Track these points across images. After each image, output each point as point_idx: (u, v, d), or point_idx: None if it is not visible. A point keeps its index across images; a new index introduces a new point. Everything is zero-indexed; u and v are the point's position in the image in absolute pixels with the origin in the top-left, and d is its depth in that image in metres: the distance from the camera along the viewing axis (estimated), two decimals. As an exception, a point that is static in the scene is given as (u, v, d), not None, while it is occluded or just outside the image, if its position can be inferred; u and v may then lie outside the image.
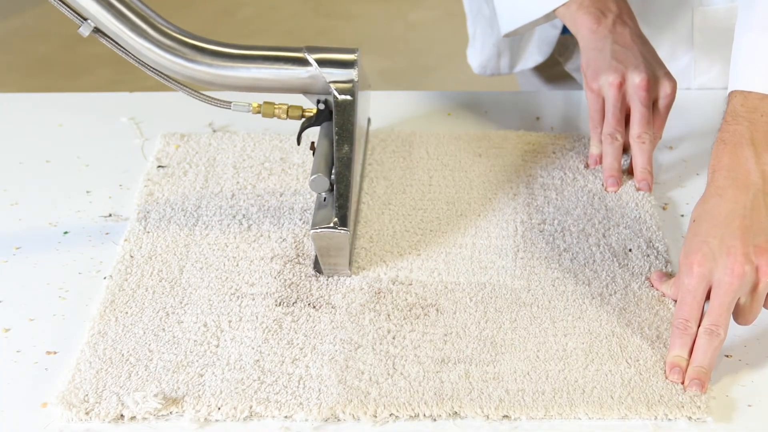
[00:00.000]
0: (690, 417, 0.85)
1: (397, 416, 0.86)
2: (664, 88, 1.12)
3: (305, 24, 3.32)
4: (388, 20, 3.31)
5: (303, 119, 1.05)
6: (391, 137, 1.21)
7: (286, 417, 0.86)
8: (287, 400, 0.86)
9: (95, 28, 0.99)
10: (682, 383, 0.88)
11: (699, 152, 1.20)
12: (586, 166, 1.15)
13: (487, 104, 1.31)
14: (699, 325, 0.89)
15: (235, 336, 0.93)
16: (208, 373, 0.89)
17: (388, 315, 0.95)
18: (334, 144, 1.01)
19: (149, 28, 0.99)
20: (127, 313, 0.96)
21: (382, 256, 1.03)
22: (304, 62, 1.02)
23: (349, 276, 0.99)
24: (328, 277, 0.99)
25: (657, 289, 0.97)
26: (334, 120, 1.02)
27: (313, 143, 1.06)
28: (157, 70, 1.01)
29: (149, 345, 0.92)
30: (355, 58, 1.03)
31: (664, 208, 1.11)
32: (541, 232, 1.06)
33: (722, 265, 0.89)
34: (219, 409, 0.86)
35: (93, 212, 1.10)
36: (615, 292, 0.98)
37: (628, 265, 1.01)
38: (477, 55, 1.42)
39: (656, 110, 1.13)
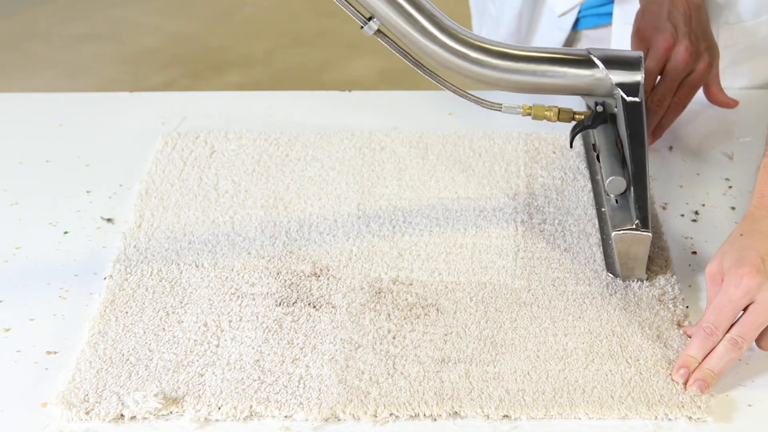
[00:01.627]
0: (690, 417, 0.85)
1: (397, 416, 0.86)
2: (701, 64, 1.16)
3: (305, 24, 3.31)
4: (388, 20, 3.30)
5: (573, 122, 1.05)
6: (391, 137, 1.21)
7: (286, 417, 0.86)
8: (287, 399, 0.86)
9: (378, 29, 0.99)
10: (684, 383, 0.88)
11: (699, 152, 1.20)
12: None
13: (488, 104, 1.31)
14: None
15: (236, 336, 0.93)
16: (208, 372, 0.89)
17: (389, 315, 0.95)
18: (628, 146, 1.00)
19: (436, 30, 0.99)
20: (127, 312, 0.96)
21: (382, 256, 1.03)
22: (590, 64, 1.02)
23: (644, 279, 0.98)
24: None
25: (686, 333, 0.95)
26: (626, 122, 1.01)
27: (594, 145, 1.07)
28: (434, 72, 1.02)
29: (149, 345, 0.92)
30: (641, 58, 1.03)
31: (664, 208, 1.11)
32: (541, 231, 1.06)
33: None
34: (219, 408, 0.86)
35: (93, 212, 1.10)
36: (615, 292, 0.98)
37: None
38: None
39: (687, 81, 1.16)
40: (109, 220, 1.09)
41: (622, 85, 1.01)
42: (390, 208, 1.10)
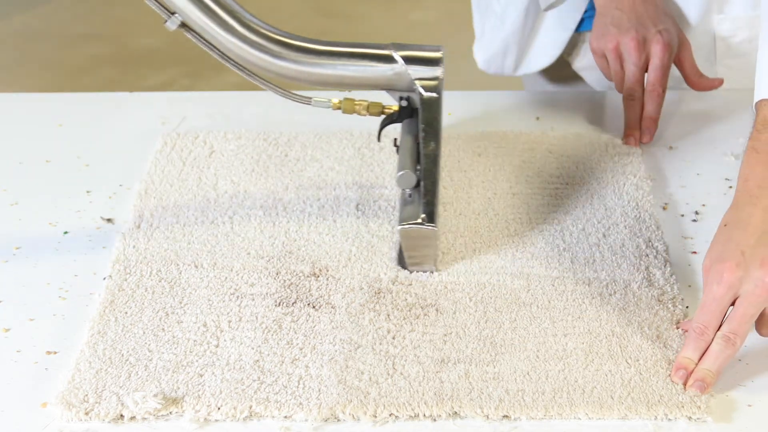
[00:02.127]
0: (690, 417, 0.85)
1: (396, 416, 0.86)
2: (654, 47, 1.20)
3: (305, 24, 3.31)
4: (388, 20, 3.31)
5: (383, 116, 1.06)
6: (390, 137, 1.21)
7: (285, 417, 0.86)
8: (287, 400, 0.86)
9: (182, 23, 0.99)
10: (684, 385, 0.88)
11: (699, 152, 1.20)
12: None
13: (488, 104, 1.31)
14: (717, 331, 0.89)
15: (235, 336, 0.93)
16: (207, 373, 0.89)
17: (388, 315, 0.95)
18: (421, 141, 1.01)
19: (237, 24, 0.99)
20: (126, 313, 0.96)
21: (382, 256, 1.03)
22: (390, 59, 1.02)
23: (434, 272, 1.00)
24: (412, 272, 1.00)
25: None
26: (421, 117, 1.02)
27: (395, 140, 1.06)
28: (241, 65, 1.02)
29: (149, 345, 0.92)
30: (441, 55, 1.03)
31: (664, 208, 1.11)
32: (540, 231, 1.06)
33: (753, 275, 0.87)
34: (219, 409, 0.86)
35: (93, 212, 1.10)
36: (615, 292, 0.98)
37: (627, 264, 1.01)
38: (483, 51, 1.42)
39: (651, 67, 1.20)
40: (109, 220, 1.09)
41: (421, 81, 1.02)
42: (389, 208, 1.10)
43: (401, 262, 1.01)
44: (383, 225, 1.07)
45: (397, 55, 1.02)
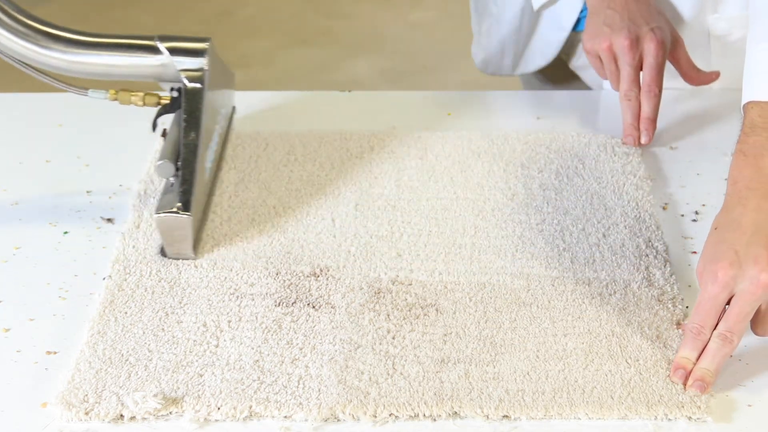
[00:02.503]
0: (690, 417, 0.85)
1: (396, 416, 0.86)
2: (648, 46, 1.19)
3: (305, 24, 3.31)
4: (388, 20, 3.31)
5: (160, 106, 1.08)
6: (390, 137, 1.21)
7: (285, 417, 0.86)
8: (287, 400, 0.86)
9: None
10: (684, 384, 0.88)
11: (699, 152, 1.20)
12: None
13: (488, 104, 1.31)
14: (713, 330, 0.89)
15: (235, 336, 0.93)
16: (207, 373, 0.89)
17: (388, 315, 0.95)
18: (181, 131, 1.04)
19: (2, 14, 1.01)
20: (126, 313, 0.96)
21: (381, 257, 1.03)
22: (155, 50, 1.06)
23: (194, 259, 1.01)
24: (172, 260, 1.01)
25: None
26: (183, 107, 1.05)
27: (164, 130, 1.08)
28: (13, 57, 1.03)
29: (149, 345, 0.92)
30: (206, 47, 1.07)
31: (664, 208, 1.11)
32: (540, 231, 1.06)
33: (748, 274, 0.88)
34: (219, 409, 0.86)
35: (93, 212, 1.10)
36: (615, 292, 0.98)
37: (627, 264, 1.01)
38: (481, 51, 1.42)
39: (646, 65, 1.20)
40: (109, 220, 1.09)
41: (186, 72, 1.05)
42: (389, 208, 1.10)
43: (162, 251, 1.02)
44: (382, 225, 1.07)
45: (162, 46, 1.05)
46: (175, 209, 1.00)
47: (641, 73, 1.21)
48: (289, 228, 1.07)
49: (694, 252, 1.04)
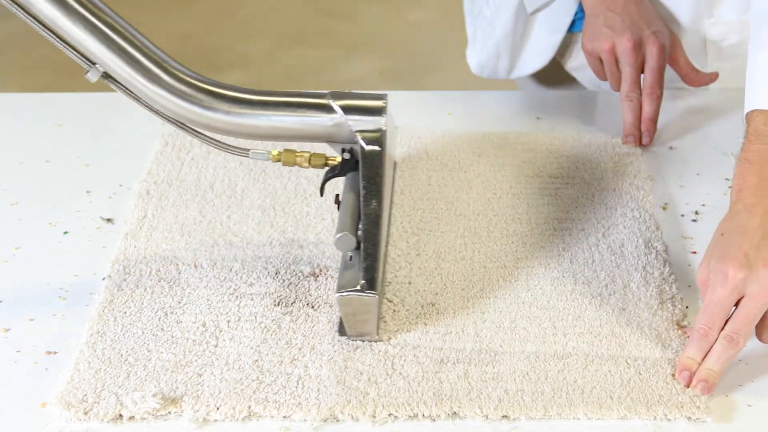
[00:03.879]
0: (689, 417, 0.85)
1: (395, 416, 0.86)
2: (650, 49, 1.20)
3: (305, 24, 3.32)
4: (388, 20, 3.31)
5: (326, 168, 0.98)
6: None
7: (284, 417, 0.86)
8: (286, 400, 0.86)
9: (104, 73, 0.92)
10: (687, 386, 0.88)
11: (699, 152, 1.20)
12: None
13: (488, 104, 1.31)
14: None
15: (234, 336, 0.93)
16: (206, 373, 0.89)
17: (387, 315, 0.95)
18: (362, 198, 0.94)
19: (163, 73, 0.92)
20: (125, 312, 0.96)
21: (380, 257, 1.02)
22: (328, 109, 0.96)
23: (378, 342, 0.92)
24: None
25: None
26: (361, 172, 0.95)
27: (337, 196, 0.99)
28: (170, 117, 0.95)
29: (148, 345, 0.92)
30: (384, 104, 0.97)
31: (664, 208, 1.11)
32: (540, 231, 1.06)
33: (759, 276, 0.87)
34: (218, 409, 0.86)
35: (93, 212, 1.10)
36: (614, 292, 0.98)
37: (627, 264, 1.01)
38: (476, 55, 1.42)
39: (648, 68, 1.21)
40: (109, 220, 1.09)
41: (362, 133, 0.95)
42: (388, 208, 1.10)
43: (342, 330, 0.93)
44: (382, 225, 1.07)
45: (335, 105, 0.95)
46: (359, 288, 0.90)
47: (642, 75, 1.21)
48: (289, 228, 1.07)
49: (694, 252, 1.04)
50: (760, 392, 0.88)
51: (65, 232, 1.07)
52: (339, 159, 0.98)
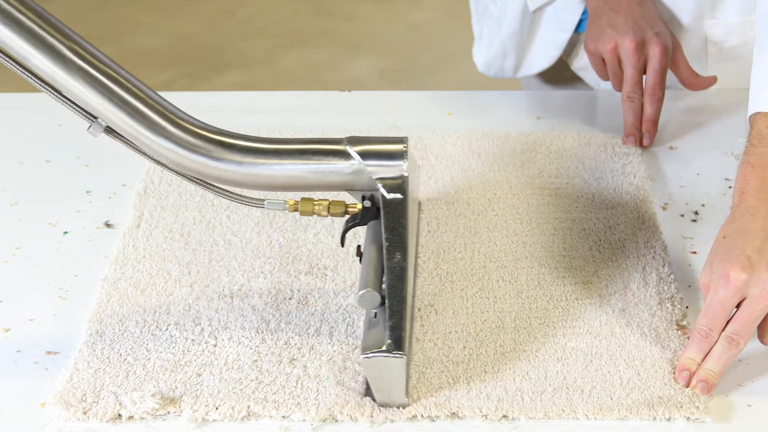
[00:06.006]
0: (688, 417, 0.85)
1: (394, 417, 0.86)
2: (653, 50, 1.20)
3: (305, 24, 3.32)
4: (388, 20, 3.31)
5: (347, 216, 0.92)
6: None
7: (283, 417, 0.86)
8: (285, 400, 0.86)
9: (107, 127, 0.87)
10: (687, 386, 0.87)
11: (699, 152, 1.20)
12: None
13: (488, 104, 1.31)
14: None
15: (233, 336, 0.93)
16: (205, 372, 0.89)
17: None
18: (385, 251, 0.87)
19: (169, 124, 0.87)
20: (124, 312, 0.95)
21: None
22: (345, 156, 0.89)
23: (407, 406, 0.86)
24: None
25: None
26: (383, 223, 0.89)
27: (359, 248, 0.93)
28: (176, 170, 0.90)
29: (147, 345, 0.92)
30: (404, 149, 0.90)
31: (664, 208, 1.11)
32: (540, 231, 1.06)
33: (761, 278, 0.87)
34: (217, 408, 0.86)
35: (93, 212, 1.10)
36: (614, 293, 0.98)
37: (627, 265, 1.01)
38: (482, 54, 1.42)
39: (650, 69, 1.21)
40: (108, 220, 1.09)
41: (383, 180, 0.89)
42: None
43: (369, 392, 0.87)
44: (382, 225, 1.07)
45: (352, 151, 0.89)
46: (385, 348, 0.84)
47: (644, 76, 1.21)
48: (288, 227, 1.07)
49: (694, 252, 1.04)
50: (760, 392, 0.88)
51: (65, 233, 1.07)
52: (360, 207, 0.92)
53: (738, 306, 0.88)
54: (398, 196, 0.89)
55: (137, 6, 3.36)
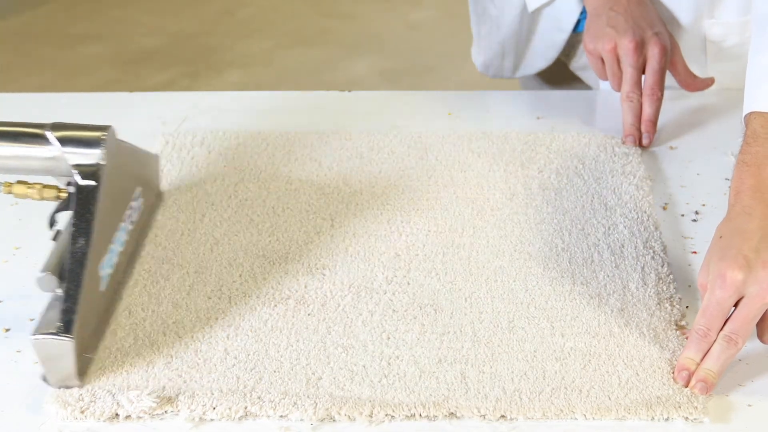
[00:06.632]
0: (687, 417, 0.85)
1: (393, 417, 0.86)
2: (652, 50, 1.20)
3: (305, 24, 3.32)
4: (388, 20, 3.31)
5: (60, 200, 0.93)
6: (390, 137, 1.21)
7: (281, 417, 0.86)
8: (282, 399, 0.86)
9: None
10: (686, 386, 0.87)
11: (699, 152, 1.20)
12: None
13: (488, 104, 1.31)
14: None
15: (230, 335, 0.93)
16: (203, 372, 0.89)
17: (385, 315, 0.95)
18: (70, 236, 0.88)
19: None
20: (123, 312, 0.95)
21: (379, 256, 1.02)
22: (44, 140, 0.91)
23: (79, 387, 0.87)
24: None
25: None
26: (74, 208, 0.90)
27: (58, 232, 0.93)
28: None
29: (144, 344, 0.92)
30: (102, 136, 0.92)
31: (664, 208, 1.11)
32: (539, 231, 1.06)
33: (758, 277, 0.87)
34: (214, 408, 0.86)
35: (91, 212, 1.10)
36: (613, 293, 0.98)
37: (626, 265, 1.01)
38: (481, 54, 1.42)
39: (649, 69, 1.21)
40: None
41: (79, 167, 0.90)
42: (388, 207, 1.10)
43: (46, 378, 0.87)
44: (381, 225, 1.07)
45: (51, 136, 0.91)
46: (54, 330, 0.85)
47: (643, 76, 1.21)
48: (288, 227, 1.07)
49: (694, 252, 1.04)
50: (760, 392, 0.88)
51: (64, 232, 1.07)
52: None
53: (736, 305, 0.88)
54: (91, 182, 0.90)
55: (137, 6, 3.36)
